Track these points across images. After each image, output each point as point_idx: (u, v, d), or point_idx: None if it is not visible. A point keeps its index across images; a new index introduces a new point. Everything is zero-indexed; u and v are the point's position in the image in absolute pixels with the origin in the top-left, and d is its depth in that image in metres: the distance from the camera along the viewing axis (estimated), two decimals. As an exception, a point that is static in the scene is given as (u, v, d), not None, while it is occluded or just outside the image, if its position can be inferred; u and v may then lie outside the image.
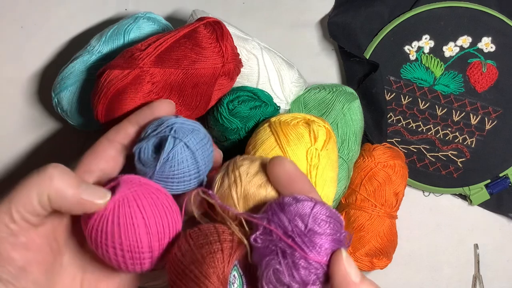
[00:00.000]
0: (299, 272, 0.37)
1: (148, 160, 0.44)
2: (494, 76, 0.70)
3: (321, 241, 0.37)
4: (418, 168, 0.72)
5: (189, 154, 0.45)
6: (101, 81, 0.55)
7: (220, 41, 0.56)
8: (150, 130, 0.45)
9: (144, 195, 0.41)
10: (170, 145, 0.44)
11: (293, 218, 0.38)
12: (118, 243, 0.40)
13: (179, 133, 0.45)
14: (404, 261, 0.72)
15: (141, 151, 0.45)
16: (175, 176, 0.44)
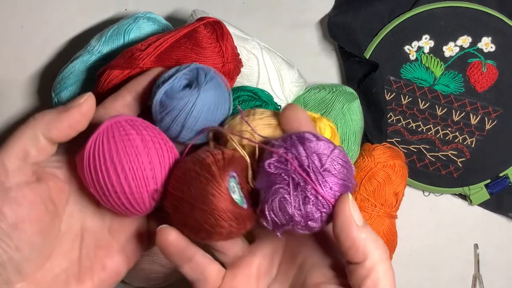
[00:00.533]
0: (306, 206, 0.37)
1: (179, 92, 0.44)
2: (494, 76, 0.70)
3: (334, 183, 0.38)
4: (418, 168, 0.72)
5: (220, 91, 0.45)
6: (101, 81, 0.55)
7: (220, 41, 0.56)
8: (174, 71, 0.45)
9: (139, 122, 0.42)
10: (207, 75, 0.45)
11: (312, 154, 0.38)
12: (118, 161, 0.39)
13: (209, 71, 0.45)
14: (404, 261, 0.72)
15: (174, 84, 0.44)
16: (206, 110, 0.44)
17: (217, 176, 0.39)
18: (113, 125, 0.41)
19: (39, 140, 0.40)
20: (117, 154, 0.40)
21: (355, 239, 0.37)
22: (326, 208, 0.38)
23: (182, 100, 0.43)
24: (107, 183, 0.40)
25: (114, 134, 0.40)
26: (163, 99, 0.44)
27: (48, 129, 0.40)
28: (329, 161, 0.38)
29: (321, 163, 0.38)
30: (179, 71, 0.45)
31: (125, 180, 0.40)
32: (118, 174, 0.40)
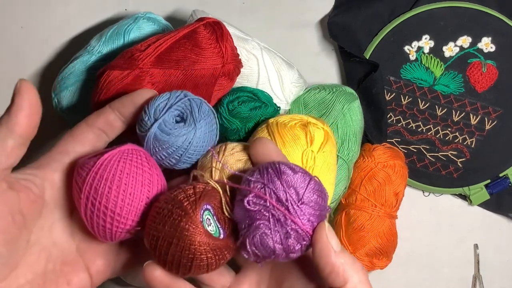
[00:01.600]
0: (288, 241, 0.39)
1: (174, 127, 0.45)
2: (494, 76, 0.70)
3: (311, 214, 0.39)
4: (418, 168, 0.72)
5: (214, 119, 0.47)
6: (101, 81, 0.55)
7: (220, 41, 0.56)
8: (165, 101, 0.46)
9: (152, 160, 0.44)
10: (202, 107, 0.46)
11: (289, 188, 0.39)
12: (125, 182, 0.41)
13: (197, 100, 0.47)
14: (404, 261, 0.72)
15: (166, 117, 0.45)
16: (202, 141, 0.46)
17: (189, 211, 0.40)
18: (132, 151, 0.43)
19: (6, 144, 0.40)
20: (127, 177, 0.41)
21: (334, 265, 0.38)
22: (306, 240, 0.39)
23: (180, 138, 0.45)
24: (103, 197, 0.41)
25: (131, 159, 0.42)
26: (158, 135, 0.45)
27: (10, 130, 0.40)
28: (306, 194, 0.39)
29: (299, 196, 0.39)
30: (171, 104, 0.46)
31: (121, 202, 0.41)
32: (118, 193, 0.41)
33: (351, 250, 0.65)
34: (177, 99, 0.46)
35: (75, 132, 0.46)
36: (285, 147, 0.56)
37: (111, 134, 0.47)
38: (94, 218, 0.42)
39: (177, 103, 0.46)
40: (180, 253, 0.39)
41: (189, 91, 0.56)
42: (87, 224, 0.42)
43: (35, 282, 0.42)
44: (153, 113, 0.45)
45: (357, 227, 0.65)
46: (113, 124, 0.47)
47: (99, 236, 0.43)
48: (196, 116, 0.46)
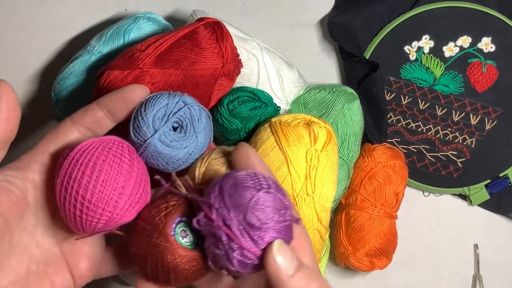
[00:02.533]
0: (237, 260, 0.37)
1: (175, 139, 0.44)
2: (494, 76, 0.70)
3: (260, 233, 0.37)
4: (418, 168, 0.72)
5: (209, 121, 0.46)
6: (101, 81, 0.55)
7: (220, 41, 0.56)
8: (161, 113, 0.44)
9: (134, 155, 0.42)
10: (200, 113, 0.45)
11: (234, 207, 0.37)
12: (99, 170, 0.40)
13: (193, 103, 0.46)
14: (404, 261, 0.72)
15: (166, 129, 0.44)
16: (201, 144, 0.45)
17: (160, 227, 0.40)
18: (115, 141, 0.42)
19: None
20: (102, 163, 0.40)
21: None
22: (255, 260, 0.38)
23: (181, 150, 0.44)
24: (75, 181, 0.40)
25: (111, 148, 0.41)
26: (158, 147, 0.44)
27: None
28: (254, 213, 0.37)
29: (243, 214, 0.37)
30: (171, 112, 0.44)
31: (93, 188, 0.40)
32: (91, 179, 0.40)
33: (351, 250, 0.65)
34: (177, 107, 0.44)
35: (59, 130, 0.44)
36: (289, 146, 0.56)
37: (98, 132, 0.45)
38: (67, 205, 0.41)
39: (177, 113, 0.44)
40: (155, 268, 0.40)
41: (188, 92, 0.56)
42: (61, 212, 0.41)
43: (18, 284, 0.42)
44: (152, 122, 0.44)
45: (357, 227, 0.66)
46: (100, 122, 0.45)
47: (72, 225, 0.42)
48: (196, 125, 0.45)
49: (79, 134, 0.45)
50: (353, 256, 0.65)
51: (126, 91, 0.45)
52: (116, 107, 0.45)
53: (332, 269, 0.72)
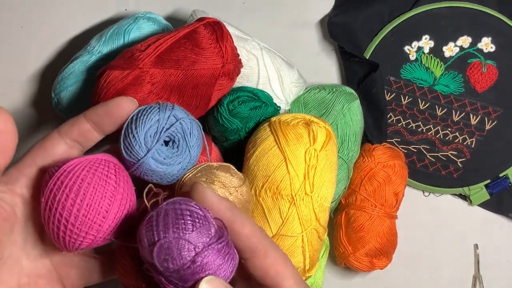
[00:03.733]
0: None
1: (169, 157, 0.43)
2: (494, 76, 0.70)
3: (188, 274, 0.36)
4: (418, 168, 0.72)
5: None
6: (101, 81, 0.55)
7: (220, 41, 0.56)
8: (153, 131, 0.43)
9: (123, 174, 0.42)
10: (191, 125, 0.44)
11: (162, 259, 0.36)
12: (83, 192, 0.39)
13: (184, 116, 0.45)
14: (404, 261, 0.72)
15: (158, 150, 0.42)
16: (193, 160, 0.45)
17: (119, 256, 0.41)
18: (101, 162, 0.41)
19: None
20: (88, 187, 0.40)
21: None
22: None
23: (175, 167, 0.43)
24: (59, 203, 0.40)
25: (96, 169, 0.40)
26: (152, 165, 0.43)
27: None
28: (186, 267, 0.36)
29: (174, 265, 0.36)
30: (162, 128, 0.43)
31: (76, 212, 0.39)
32: (75, 202, 0.39)
33: (351, 250, 0.65)
34: (168, 123, 0.43)
35: (46, 143, 0.43)
36: (288, 145, 0.56)
37: (86, 144, 0.45)
38: (50, 225, 0.40)
39: (169, 129, 0.43)
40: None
41: (188, 92, 0.56)
42: (46, 230, 0.41)
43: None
44: (144, 141, 0.42)
45: (357, 227, 0.66)
46: (87, 135, 0.44)
47: (55, 243, 0.41)
48: (188, 140, 0.44)
49: (67, 147, 0.44)
50: (353, 256, 0.65)
51: (112, 105, 0.44)
52: (103, 121, 0.44)
53: (332, 269, 0.72)
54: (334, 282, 0.72)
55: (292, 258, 0.56)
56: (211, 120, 0.62)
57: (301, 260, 0.56)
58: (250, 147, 0.59)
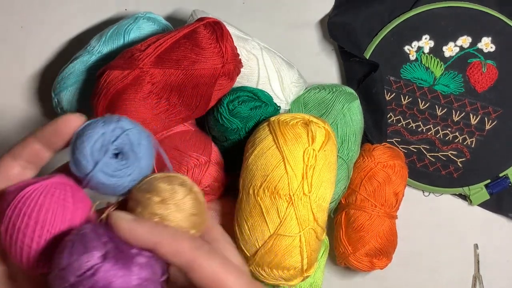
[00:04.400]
0: None
1: (118, 169, 0.43)
2: (494, 76, 0.70)
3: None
4: (418, 168, 0.72)
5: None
6: (101, 81, 0.55)
7: (220, 41, 0.56)
8: (99, 145, 0.43)
9: (80, 197, 0.42)
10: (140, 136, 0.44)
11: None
12: (42, 217, 0.40)
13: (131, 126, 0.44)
14: (404, 261, 0.72)
15: (106, 163, 0.42)
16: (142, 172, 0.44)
17: None
18: (57, 185, 0.41)
19: None
20: (46, 213, 0.40)
21: None
22: None
23: (125, 178, 0.43)
24: (19, 232, 0.40)
25: (53, 194, 0.41)
26: (101, 178, 0.42)
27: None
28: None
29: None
30: (109, 141, 0.42)
31: (38, 238, 0.40)
32: (35, 229, 0.40)
33: (351, 250, 0.65)
34: (114, 135, 0.42)
35: (1, 165, 0.43)
36: (287, 145, 0.56)
37: (39, 164, 0.44)
38: (13, 251, 0.41)
39: (115, 141, 0.43)
40: None
41: (188, 92, 0.56)
42: (9, 255, 0.42)
43: None
44: (90, 155, 0.42)
45: (357, 227, 0.65)
46: (39, 155, 0.44)
47: (20, 266, 0.42)
48: (137, 151, 0.43)
49: (20, 168, 0.44)
50: (353, 256, 0.65)
51: (59, 123, 0.44)
52: (52, 139, 0.43)
53: (332, 269, 0.72)
54: (334, 282, 0.72)
55: (289, 258, 0.56)
56: (211, 120, 0.62)
57: (299, 260, 0.56)
58: (249, 146, 0.59)
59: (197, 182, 0.61)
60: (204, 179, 0.61)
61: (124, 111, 0.55)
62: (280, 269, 0.57)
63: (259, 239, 0.57)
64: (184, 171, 0.60)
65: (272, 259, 0.56)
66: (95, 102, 0.56)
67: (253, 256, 0.57)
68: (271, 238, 0.56)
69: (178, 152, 0.61)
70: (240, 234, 0.58)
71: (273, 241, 0.56)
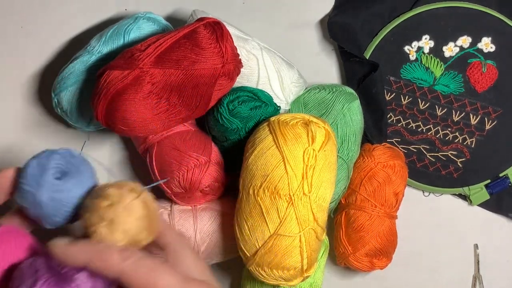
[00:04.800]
0: None
1: (63, 183, 0.45)
2: (494, 76, 0.70)
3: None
4: (418, 168, 0.72)
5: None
6: (101, 81, 0.55)
7: (220, 41, 0.56)
8: (37, 171, 0.45)
9: (25, 243, 0.46)
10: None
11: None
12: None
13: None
14: (404, 261, 0.72)
15: (50, 182, 0.45)
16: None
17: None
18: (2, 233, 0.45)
19: None
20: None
21: None
22: None
23: (66, 193, 0.45)
24: None
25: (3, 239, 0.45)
26: (52, 194, 0.45)
27: None
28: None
29: None
30: (45, 165, 0.45)
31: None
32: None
33: (351, 250, 0.65)
34: (50, 159, 0.45)
35: None
36: (287, 145, 0.56)
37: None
38: None
39: (51, 163, 0.45)
40: None
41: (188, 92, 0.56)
42: None
43: None
44: (32, 181, 0.45)
45: (357, 227, 0.65)
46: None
47: None
48: (78, 166, 0.46)
49: None
50: (353, 256, 0.65)
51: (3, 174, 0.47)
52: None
53: (332, 269, 0.72)
54: (334, 282, 0.72)
55: (289, 258, 0.56)
56: (211, 120, 0.62)
57: (299, 260, 0.56)
58: (249, 146, 0.59)
59: (197, 182, 0.61)
60: (204, 179, 0.61)
61: (124, 111, 0.55)
62: (280, 269, 0.57)
63: (259, 239, 0.57)
64: (184, 171, 0.60)
65: (272, 259, 0.56)
66: (95, 102, 0.56)
67: (253, 256, 0.57)
68: (271, 238, 0.56)
69: (178, 152, 0.61)
70: (240, 234, 0.58)
71: (273, 241, 0.56)
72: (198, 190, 0.61)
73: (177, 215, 0.63)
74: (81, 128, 0.65)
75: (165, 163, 0.61)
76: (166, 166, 0.61)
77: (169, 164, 0.61)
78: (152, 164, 0.62)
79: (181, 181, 0.61)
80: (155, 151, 0.62)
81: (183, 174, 0.60)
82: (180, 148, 0.61)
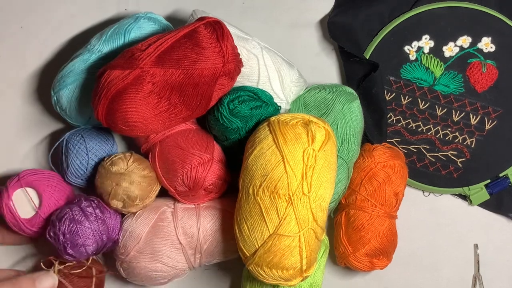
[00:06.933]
0: None
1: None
2: (494, 76, 0.70)
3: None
4: (418, 168, 0.72)
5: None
6: (101, 81, 0.55)
7: (220, 41, 0.56)
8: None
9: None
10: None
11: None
12: None
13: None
14: (404, 261, 0.72)
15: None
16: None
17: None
18: None
19: None
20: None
21: None
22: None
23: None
24: None
25: None
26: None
27: None
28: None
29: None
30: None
31: None
32: None
33: (351, 250, 0.65)
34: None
35: None
36: (287, 145, 0.56)
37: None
38: None
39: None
40: None
41: (188, 91, 0.56)
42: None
43: None
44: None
45: (357, 227, 0.65)
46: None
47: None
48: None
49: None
50: (353, 256, 0.65)
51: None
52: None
53: (332, 269, 0.72)
54: (334, 282, 0.72)
55: (288, 258, 0.56)
56: (212, 119, 0.62)
57: (298, 260, 0.56)
58: (249, 146, 0.59)
59: (201, 180, 0.61)
60: (208, 177, 0.61)
61: (125, 111, 0.55)
62: (280, 269, 0.57)
63: (258, 239, 0.57)
64: (188, 169, 0.60)
65: (271, 259, 0.56)
66: (96, 102, 0.56)
67: (252, 256, 0.57)
68: (270, 238, 0.56)
69: (181, 150, 0.61)
70: (239, 233, 0.58)
71: (273, 241, 0.56)
72: (202, 188, 0.61)
73: (180, 213, 0.63)
74: (80, 126, 0.65)
75: (168, 161, 0.61)
76: (170, 165, 0.61)
77: (173, 163, 0.61)
78: (155, 163, 0.62)
79: (185, 179, 0.61)
80: (158, 150, 0.62)
81: (187, 172, 0.60)
82: (183, 146, 0.61)
